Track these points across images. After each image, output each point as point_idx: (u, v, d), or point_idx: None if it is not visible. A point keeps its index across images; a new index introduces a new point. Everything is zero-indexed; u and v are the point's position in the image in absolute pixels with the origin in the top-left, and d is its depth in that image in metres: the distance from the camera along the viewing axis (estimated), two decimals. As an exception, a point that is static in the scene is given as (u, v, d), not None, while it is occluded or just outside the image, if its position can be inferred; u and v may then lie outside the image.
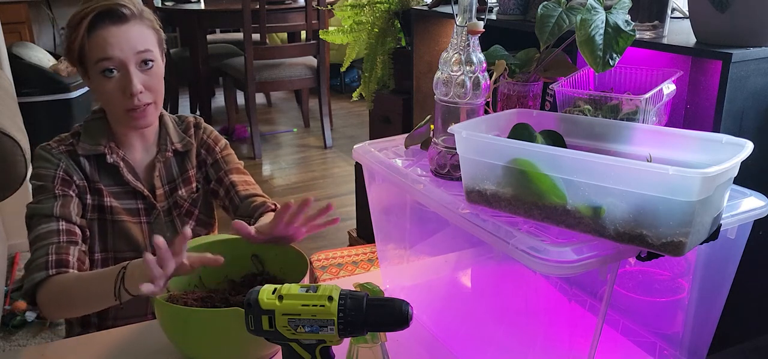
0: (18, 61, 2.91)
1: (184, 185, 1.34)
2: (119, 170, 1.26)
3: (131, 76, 1.18)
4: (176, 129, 1.35)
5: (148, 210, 1.30)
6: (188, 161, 1.35)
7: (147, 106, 1.21)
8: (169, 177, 1.33)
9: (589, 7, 0.94)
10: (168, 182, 1.33)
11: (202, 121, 1.41)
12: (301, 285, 0.74)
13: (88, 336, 1.17)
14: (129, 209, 1.28)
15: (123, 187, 1.28)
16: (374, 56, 2.39)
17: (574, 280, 1.01)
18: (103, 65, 1.17)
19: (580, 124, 0.98)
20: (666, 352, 1.02)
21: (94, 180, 1.25)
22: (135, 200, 1.29)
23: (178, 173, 1.34)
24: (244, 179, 1.38)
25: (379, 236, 1.25)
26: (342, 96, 5.54)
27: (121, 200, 1.27)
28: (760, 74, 1.20)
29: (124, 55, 1.17)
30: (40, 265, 1.13)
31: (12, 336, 2.24)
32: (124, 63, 1.17)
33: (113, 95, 1.20)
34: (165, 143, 1.32)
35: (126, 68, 1.18)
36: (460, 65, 0.97)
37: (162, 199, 1.31)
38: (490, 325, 1.02)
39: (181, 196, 1.33)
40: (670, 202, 0.72)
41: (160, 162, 1.31)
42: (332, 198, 3.52)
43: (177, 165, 1.34)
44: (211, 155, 1.38)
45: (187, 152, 1.35)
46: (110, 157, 1.26)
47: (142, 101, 1.20)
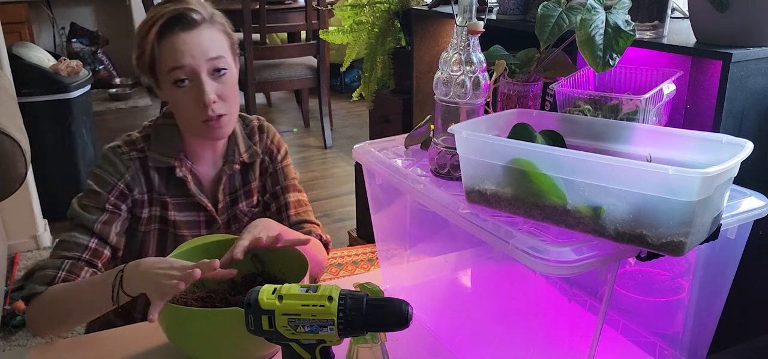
0: (18, 61, 2.91)
1: (245, 198, 1.30)
2: (186, 184, 1.23)
3: (204, 85, 1.13)
4: (243, 135, 1.30)
5: (208, 223, 1.27)
6: (252, 173, 1.31)
7: (221, 117, 1.16)
8: (232, 188, 1.29)
9: (589, 7, 0.94)
10: (230, 193, 1.29)
11: (265, 122, 1.36)
12: (301, 285, 0.74)
13: (88, 336, 1.17)
14: (190, 222, 1.25)
15: (187, 199, 1.24)
16: (374, 56, 2.39)
17: (574, 280, 1.01)
18: (174, 75, 1.13)
19: (580, 124, 0.98)
20: (666, 352, 1.02)
21: (160, 193, 1.22)
22: (197, 213, 1.26)
23: (240, 184, 1.30)
24: (298, 200, 1.34)
25: (379, 236, 1.25)
26: (342, 96, 5.54)
27: (184, 213, 1.24)
28: (760, 74, 1.20)
29: (196, 62, 1.13)
30: (46, 276, 1.12)
31: (12, 336, 2.24)
32: (195, 71, 1.13)
33: (186, 106, 1.16)
34: (233, 154, 1.28)
35: (198, 77, 1.14)
36: (460, 65, 0.97)
37: (223, 211, 1.28)
38: (490, 325, 1.02)
39: (241, 210, 1.30)
40: (670, 202, 0.72)
41: (226, 175, 1.27)
42: (332, 198, 3.52)
43: (240, 176, 1.30)
44: (273, 163, 1.33)
45: (252, 162, 1.30)
46: (180, 170, 1.22)
47: (216, 111, 1.15)
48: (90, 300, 1.08)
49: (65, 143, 3.05)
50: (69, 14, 5.57)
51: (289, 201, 1.33)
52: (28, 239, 2.83)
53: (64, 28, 5.50)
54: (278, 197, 1.33)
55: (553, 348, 0.92)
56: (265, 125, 1.35)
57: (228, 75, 1.17)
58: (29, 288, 1.12)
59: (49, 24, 5.44)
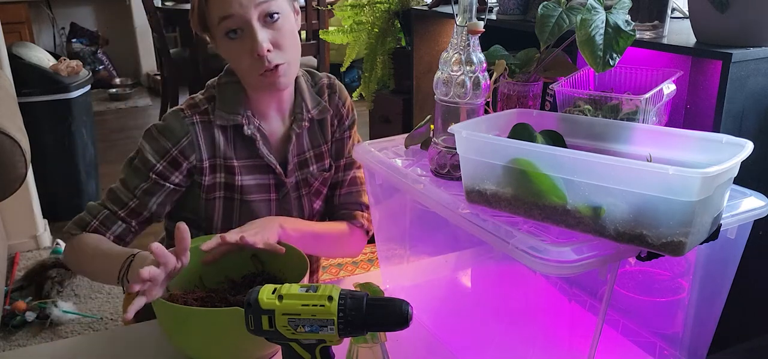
0: (18, 61, 2.91)
1: (315, 161, 1.24)
2: (255, 143, 1.17)
3: (255, 33, 1.07)
4: (311, 91, 1.23)
5: (277, 187, 1.21)
6: (321, 134, 1.25)
7: (278, 66, 1.10)
8: (301, 150, 1.23)
9: (589, 7, 0.94)
10: (299, 154, 1.23)
11: (336, 82, 1.28)
12: (301, 285, 0.74)
13: (88, 336, 1.18)
14: (260, 185, 1.20)
15: (256, 160, 1.19)
16: (374, 56, 2.39)
17: (574, 280, 1.01)
18: (225, 26, 1.08)
19: (580, 124, 0.98)
20: (666, 352, 1.02)
21: (227, 156, 1.17)
22: (267, 176, 1.20)
23: (309, 145, 1.24)
24: (354, 177, 1.30)
25: (379, 236, 1.25)
26: (342, 96, 5.53)
27: (252, 175, 1.19)
28: (760, 74, 1.20)
29: (245, 9, 1.06)
30: (82, 221, 1.16)
31: (12, 336, 2.25)
32: (245, 19, 1.07)
33: (241, 58, 1.10)
34: (301, 111, 1.21)
35: (249, 25, 1.07)
36: (460, 65, 0.97)
37: (292, 173, 1.22)
38: (490, 325, 1.02)
39: (311, 173, 1.24)
40: (670, 202, 0.72)
41: (295, 133, 1.20)
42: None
43: (309, 137, 1.24)
44: (340, 128, 1.27)
45: (321, 121, 1.24)
46: (248, 128, 1.16)
47: (273, 61, 1.09)
48: (105, 272, 1.10)
49: (65, 143, 3.05)
50: (69, 14, 5.57)
51: (346, 178, 1.29)
52: (28, 239, 2.83)
53: (64, 28, 5.50)
54: (339, 170, 1.29)
55: (553, 348, 0.92)
56: (337, 84, 1.28)
57: (282, 20, 1.10)
58: (68, 227, 1.16)
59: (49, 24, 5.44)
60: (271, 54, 1.09)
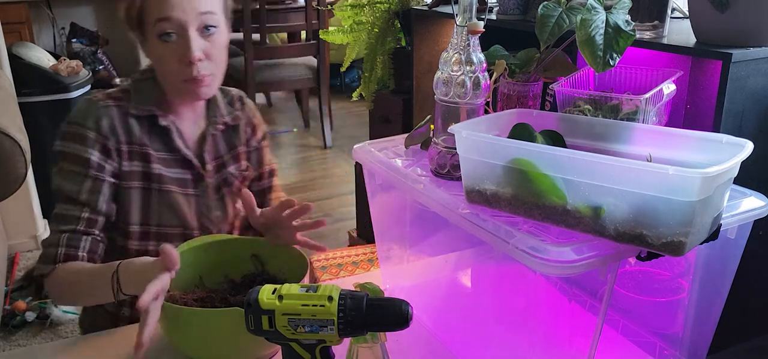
0: (18, 61, 2.91)
1: (233, 162, 1.27)
2: (170, 135, 1.19)
3: (190, 42, 1.09)
4: (223, 101, 1.28)
5: (195, 182, 1.23)
6: (236, 137, 1.28)
7: (205, 77, 1.12)
8: (217, 153, 1.26)
9: (589, 7, 0.94)
10: (216, 158, 1.26)
11: (245, 96, 1.33)
12: (301, 285, 0.74)
13: (88, 336, 1.17)
14: (177, 179, 1.21)
15: (172, 154, 1.20)
16: (374, 56, 2.39)
17: (574, 280, 1.01)
18: (161, 27, 1.09)
19: (580, 124, 0.98)
20: (666, 352, 1.02)
21: (142, 144, 1.17)
22: (183, 170, 1.22)
23: (225, 149, 1.27)
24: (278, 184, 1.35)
25: (379, 236, 1.25)
26: (342, 96, 5.54)
27: (169, 168, 1.20)
28: (760, 74, 1.20)
29: (185, 16, 1.08)
30: (49, 256, 1.12)
31: (12, 336, 2.25)
32: (183, 25, 1.09)
33: (170, 61, 1.11)
34: (215, 115, 1.25)
35: (185, 32, 1.09)
36: (460, 65, 0.97)
37: (211, 174, 1.24)
38: (490, 325, 1.02)
39: (231, 173, 1.26)
40: (670, 202, 0.72)
41: (211, 135, 1.24)
42: (332, 198, 3.52)
43: (225, 141, 1.27)
44: (255, 138, 1.31)
45: (235, 127, 1.28)
46: (163, 119, 1.17)
47: (202, 71, 1.11)
48: (95, 291, 1.09)
49: (65, 143, 3.04)
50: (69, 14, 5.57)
51: (273, 185, 1.34)
52: (28, 239, 2.83)
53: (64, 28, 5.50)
54: (263, 178, 1.34)
55: (553, 348, 0.92)
56: (246, 98, 1.34)
57: (217, 35, 1.13)
58: (38, 269, 1.13)
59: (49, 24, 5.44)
60: (201, 63, 1.11)
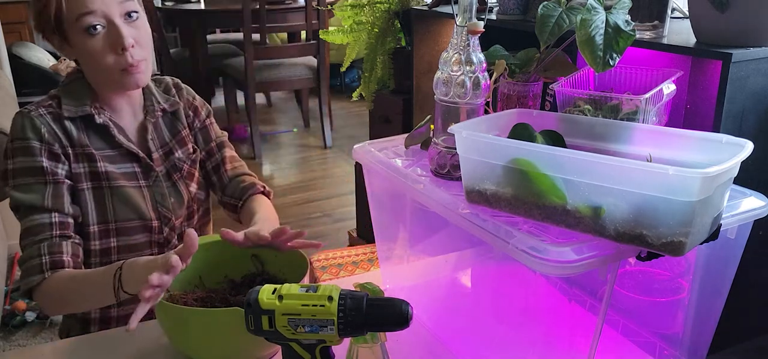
0: (18, 61, 2.91)
1: (179, 147, 1.28)
2: (110, 131, 1.18)
3: (120, 29, 1.09)
4: (158, 89, 1.28)
5: (145, 173, 1.22)
6: (178, 122, 1.29)
7: (140, 62, 1.13)
8: (162, 141, 1.26)
9: (589, 7, 0.94)
10: (161, 146, 1.26)
11: (180, 82, 1.34)
12: (301, 285, 0.74)
13: (88, 336, 1.17)
14: (126, 173, 1.20)
15: (116, 150, 1.20)
16: (374, 56, 2.39)
17: (574, 280, 1.01)
18: (85, 21, 1.08)
19: (580, 124, 0.98)
20: (666, 352, 1.02)
21: (82, 145, 1.16)
22: (130, 164, 1.21)
23: (170, 135, 1.27)
24: (232, 155, 1.35)
25: (379, 236, 1.25)
26: (342, 96, 5.55)
27: (116, 165, 1.19)
28: (760, 74, 1.20)
29: (107, 7, 1.08)
30: (34, 267, 1.10)
31: (12, 336, 2.24)
32: (108, 16, 1.09)
33: (103, 55, 1.10)
34: (152, 104, 1.25)
35: (111, 21, 1.09)
36: (460, 65, 0.97)
37: (158, 163, 1.24)
38: (490, 325, 1.02)
39: (179, 158, 1.27)
40: (670, 202, 0.72)
41: (151, 124, 1.24)
42: (332, 198, 3.52)
43: (167, 127, 1.28)
44: (198, 118, 1.32)
45: (174, 112, 1.29)
46: (99, 117, 1.17)
47: (135, 57, 1.12)
48: (94, 294, 1.08)
49: (65, 143, 3.05)
50: (69, 14, 5.57)
51: (225, 156, 1.34)
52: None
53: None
54: (213, 153, 1.33)
55: (553, 348, 0.92)
56: (182, 85, 1.34)
57: (141, 20, 1.14)
58: (25, 283, 1.11)
59: (49, 24, 5.43)
60: (134, 49, 1.11)
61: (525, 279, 0.95)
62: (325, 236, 3.07)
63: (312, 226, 3.19)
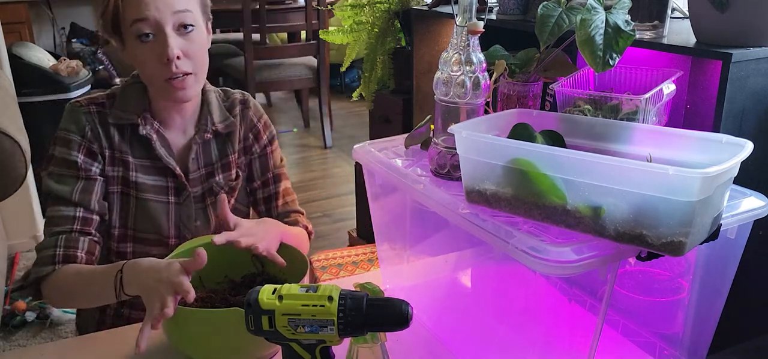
0: (18, 61, 2.91)
1: (222, 171, 1.25)
2: (151, 143, 1.18)
3: (167, 39, 1.09)
4: (221, 106, 1.25)
5: (178, 190, 1.22)
6: (230, 145, 1.26)
7: (186, 76, 1.12)
8: (207, 161, 1.24)
9: (589, 7, 0.94)
10: (205, 166, 1.24)
11: (250, 99, 1.30)
12: (301, 285, 0.74)
13: (88, 336, 1.17)
14: (157, 186, 1.20)
15: (153, 162, 1.20)
16: (374, 56, 2.39)
17: (574, 280, 1.01)
18: (138, 28, 1.09)
19: (580, 124, 0.98)
20: (666, 352, 1.02)
21: (120, 151, 1.18)
22: (165, 178, 1.21)
23: (217, 157, 1.25)
24: (286, 188, 1.33)
25: (379, 236, 1.25)
26: (342, 96, 5.55)
27: (149, 176, 1.20)
28: (760, 74, 1.20)
29: (161, 15, 1.08)
30: (47, 258, 1.12)
31: (12, 336, 2.24)
32: (160, 24, 1.09)
33: (149, 62, 1.11)
34: (206, 122, 1.22)
35: (162, 31, 1.09)
36: (460, 65, 0.97)
37: (196, 183, 1.23)
38: (490, 325, 1.02)
39: (217, 182, 1.25)
40: (670, 202, 0.72)
41: (198, 144, 1.22)
42: (332, 198, 3.52)
43: (217, 148, 1.25)
44: (259, 143, 1.29)
45: (229, 134, 1.25)
46: (143, 128, 1.17)
47: (181, 69, 1.10)
48: (97, 292, 1.09)
49: (65, 143, 3.04)
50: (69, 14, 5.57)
51: (279, 191, 1.32)
52: (28, 239, 2.83)
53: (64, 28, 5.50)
54: (269, 185, 1.31)
55: (553, 348, 0.92)
56: (251, 101, 1.30)
57: (195, 33, 1.13)
58: (35, 272, 1.12)
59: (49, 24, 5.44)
60: (180, 61, 1.11)
61: (525, 279, 0.95)
62: (325, 236, 3.07)
63: (312, 226, 3.19)
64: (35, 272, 1.13)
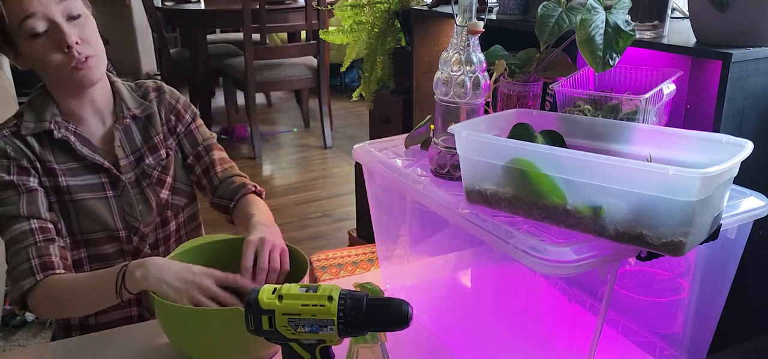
0: (18, 61, 2.91)
1: (150, 153, 1.25)
2: (70, 145, 1.17)
3: (62, 27, 1.09)
4: (132, 95, 1.26)
5: (112, 183, 1.21)
6: (151, 127, 1.27)
7: (88, 58, 1.12)
8: (133, 147, 1.24)
9: (589, 7, 0.94)
10: (132, 152, 1.24)
11: (164, 85, 1.32)
12: (301, 285, 0.74)
13: (88, 336, 1.17)
14: (90, 185, 1.20)
15: (80, 162, 1.19)
16: (374, 56, 2.39)
17: (574, 280, 1.01)
18: (28, 26, 1.08)
19: (580, 124, 0.98)
20: (666, 352, 1.02)
21: (45, 160, 1.16)
22: (97, 175, 1.20)
23: (141, 141, 1.25)
24: (222, 157, 1.34)
25: (379, 236, 1.25)
26: (342, 96, 5.55)
27: (80, 177, 1.19)
28: (760, 74, 1.20)
29: (46, 8, 1.08)
30: (24, 272, 1.10)
31: (12, 336, 2.24)
32: (49, 16, 1.08)
33: (49, 56, 1.10)
34: (121, 110, 1.23)
35: (53, 22, 1.09)
36: (460, 65, 0.97)
37: (127, 169, 1.22)
38: (490, 325, 1.02)
39: (148, 164, 1.25)
40: (670, 202, 0.72)
41: (119, 130, 1.22)
42: (332, 198, 3.52)
43: (139, 133, 1.26)
44: (182, 123, 1.30)
45: (148, 117, 1.26)
46: (58, 132, 1.16)
47: (83, 53, 1.11)
48: (94, 295, 1.08)
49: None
50: (69, 14, 5.58)
51: (214, 159, 1.32)
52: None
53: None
54: (202, 157, 1.32)
55: (553, 348, 0.91)
56: (165, 87, 1.31)
57: (84, 20, 1.13)
58: (16, 289, 1.10)
59: (49, 24, 5.44)
60: (79, 46, 1.11)
61: (525, 279, 0.95)
62: (325, 236, 3.07)
63: (312, 226, 3.19)
64: (16, 289, 1.10)
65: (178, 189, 1.30)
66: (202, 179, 1.32)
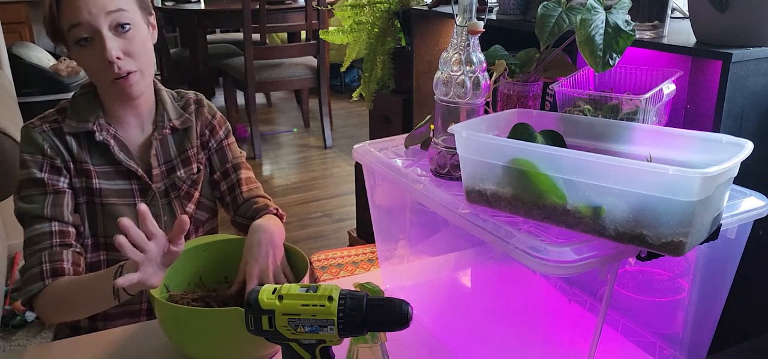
0: (18, 61, 2.91)
1: (182, 166, 1.26)
2: (109, 149, 1.18)
3: (105, 42, 1.08)
4: (174, 105, 1.27)
5: (142, 191, 1.22)
6: (187, 141, 1.27)
7: (130, 74, 1.12)
8: (167, 157, 1.25)
9: (589, 7, 0.94)
10: (165, 162, 1.25)
11: (204, 98, 1.32)
12: (301, 285, 0.74)
13: (88, 336, 1.17)
14: (121, 190, 1.20)
15: (114, 166, 1.20)
16: (374, 56, 2.39)
17: (574, 280, 1.01)
18: (75, 34, 1.09)
19: (580, 124, 0.98)
20: (666, 352, 1.02)
21: (81, 161, 1.17)
22: (128, 181, 1.21)
23: (176, 152, 1.26)
24: (248, 176, 1.34)
25: (379, 236, 1.25)
26: (342, 96, 5.55)
27: (112, 181, 1.20)
28: (760, 74, 1.20)
29: (94, 18, 1.07)
30: (35, 276, 1.10)
31: (12, 336, 2.24)
32: (95, 27, 1.08)
33: (92, 65, 1.11)
34: (162, 119, 1.23)
35: (98, 33, 1.08)
36: (460, 65, 0.97)
37: (158, 179, 1.23)
38: (490, 325, 1.02)
39: (179, 177, 1.25)
40: (670, 202, 0.72)
41: (157, 140, 1.23)
42: (332, 198, 3.52)
43: (175, 144, 1.26)
44: (215, 138, 1.30)
45: (186, 130, 1.27)
46: (99, 134, 1.17)
47: (124, 68, 1.10)
48: (93, 297, 1.08)
49: (65, 143, 3.04)
50: (69, 14, 5.57)
51: (241, 178, 1.32)
52: (25, 238, 2.83)
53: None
54: (229, 174, 1.31)
55: (553, 348, 0.92)
56: (204, 100, 1.32)
57: (133, 31, 1.12)
58: (25, 292, 1.11)
59: (49, 24, 5.43)
60: (121, 61, 1.10)
61: (525, 279, 0.95)
62: (325, 236, 3.07)
63: (312, 226, 3.19)
64: (25, 292, 1.11)
65: (202, 204, 1.31)
66: (227, 197, 1.32)
